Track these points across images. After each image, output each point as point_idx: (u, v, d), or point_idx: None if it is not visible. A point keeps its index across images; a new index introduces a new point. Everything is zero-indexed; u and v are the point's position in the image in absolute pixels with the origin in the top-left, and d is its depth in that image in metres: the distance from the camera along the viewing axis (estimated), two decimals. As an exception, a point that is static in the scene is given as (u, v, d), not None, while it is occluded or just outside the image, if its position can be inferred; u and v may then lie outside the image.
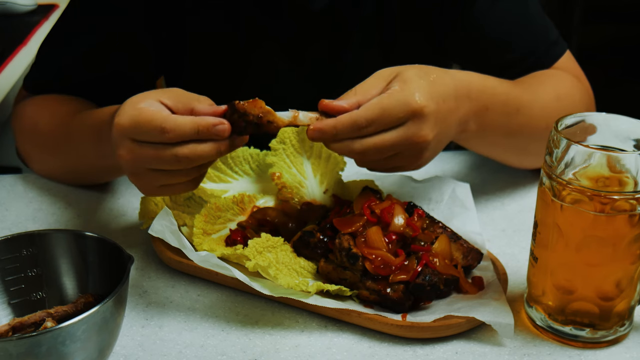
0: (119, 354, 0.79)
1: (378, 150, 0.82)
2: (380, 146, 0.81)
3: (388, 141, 0.82)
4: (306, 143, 0.99)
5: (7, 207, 1.07)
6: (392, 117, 0.81)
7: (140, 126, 0.80)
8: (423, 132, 0.83)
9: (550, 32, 1.12)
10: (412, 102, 0.81)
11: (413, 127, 0.82)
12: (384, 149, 0.82)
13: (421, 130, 0.83)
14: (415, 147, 0.83)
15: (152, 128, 0.79)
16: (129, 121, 0.81)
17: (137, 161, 0.82)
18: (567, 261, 0.78)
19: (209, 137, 0.79)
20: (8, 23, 1.87)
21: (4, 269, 0.78)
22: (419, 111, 0.82)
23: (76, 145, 1.04)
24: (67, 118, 1.07)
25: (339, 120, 0.80)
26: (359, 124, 0.80)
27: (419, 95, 0.82)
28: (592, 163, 0.75)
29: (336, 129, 0.80)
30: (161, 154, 0.80)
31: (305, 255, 0.88)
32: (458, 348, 0.80)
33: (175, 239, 0.87)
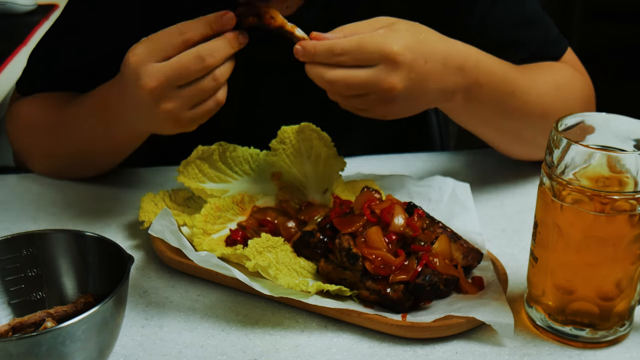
0: (119, 354, 0.79)
1: (346, 85, 0.86)
2: (348, 81, 0.85)
3: (357, 77, 0.85)
4: (306, 143, 0.99)
5: (7, 207, 1.07)
6: (365, 53, 0.85)
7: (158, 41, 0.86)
8: (392, 79, 0.86)
9: (551, 31, 1.11)
10: (388, 47, 0.85)
11: (383, 72, 0.86)
12: (351, 85, 0.86)
13: (390, 77, 0.85)
14: (382, 92, 0.86)
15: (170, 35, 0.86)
16: (144, 46, 0.86)
17: (163, 82, 0.85)
18: (567, 261, 0.78)
19: (220, 28, 0.87)
20: (8, 23, 1.87)
21: (4, 269, 0.78)
22: (392, 56, 0.85)
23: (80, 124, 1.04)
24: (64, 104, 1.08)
25: (318, 42, 0.86)
26: (334, 50, 0.85)
27: (398, 43, 0.86)
28: (592, 163, 0.75)
29: (315, 49, 0.86)
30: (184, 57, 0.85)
31: (305, 255, 0.88)
32: (458, 348, 0.80)
33: (175, 239, 0.87)
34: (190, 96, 0.87)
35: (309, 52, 0.86)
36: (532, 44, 1.09)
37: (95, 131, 1.03)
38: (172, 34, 0.86)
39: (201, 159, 0.98)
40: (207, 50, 0.86)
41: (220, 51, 0.86)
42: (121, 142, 1.04)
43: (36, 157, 1.15)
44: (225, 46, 0.87)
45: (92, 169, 1.12)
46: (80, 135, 1.06)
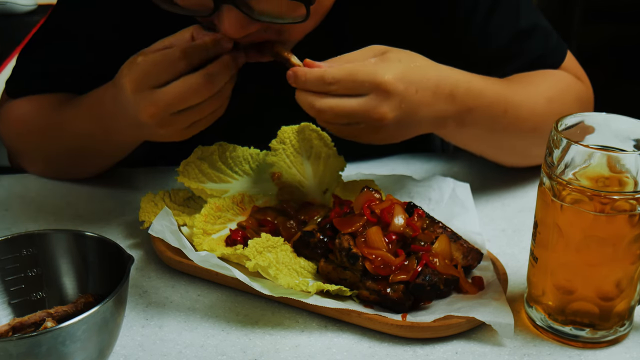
0: (119, 354, 0.79)
1: (335, 114, 0.85)
2: (338, 110, 0.85)
3: (347, 107, 0.85)
4: (306, 143, 0.99)
5: (7, 207, 1.07)
6: (356, 82, 0.84)
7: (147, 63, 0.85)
8: (382, 109, 0.85)
9: (550, 39, 1.11)
10: (379, 76, 0.85)
11: (373, 101, 0.85)
12: (341, 113, 0.85)
13: (381, 107, 0.85)
14: (372, 121, 0.86)
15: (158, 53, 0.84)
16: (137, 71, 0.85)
17: (163, 109, 0.85)
18: (567, 261, 0.78)
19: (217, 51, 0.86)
20: (8, 23, 1.87)
21: (4, 269, 0.78)
22: (383, 86, 0.85)
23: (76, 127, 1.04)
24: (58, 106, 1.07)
25: (309, 70, 0.86)
26: (324, 78, 0.85)
27: (390, 73, 0.85)
28: (592, 163, 0.75)
29: (305, 76, 0.85)
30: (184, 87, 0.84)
31: (305, 255, 0.88)
32: (458, 348, 0.80)
33: (175, 239, 0.88)
34: (190, 117, 0.87)
35: (300, 79, 0.86)
36: (531, 55, 1.09)
37: (91, 135, 1.03)
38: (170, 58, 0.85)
39: (201, 159, 0.98)
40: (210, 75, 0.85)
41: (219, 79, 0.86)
42: (118, 146, 1.04)
43: (30, 158, 1.15)
44: (224, 72, 0.86)
45: (88, 171, 1.12)
46: (76, 138, 1.06)
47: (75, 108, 1.05)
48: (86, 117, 1.02)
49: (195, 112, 0.87)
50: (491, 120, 0.98)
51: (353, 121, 0.86)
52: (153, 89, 0.85)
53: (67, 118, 1.06)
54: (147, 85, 0.85)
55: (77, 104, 1.05)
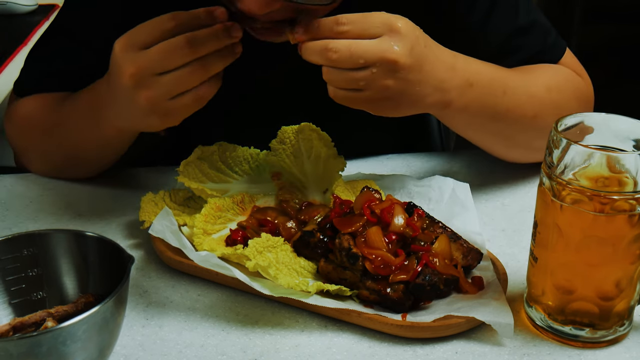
0: (119, 353, 0.79)
1: (350, 53, 0.84)
2: (352, 47, 0.84)
3: (361, 45, 0.84)
4: (306, 143, 0.99)
5: (7, 207, 1.07)
6: (370, 23, 0.85)
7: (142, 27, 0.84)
8: (398, 50, 0.85)
9: (548, 36, 1.11)
10: (392, 19, 0.86)
11: (388, 42, 0.85)
12: (356, 53, 0.84)
13: (396, 47, 0.85)
14: (386, 64, 0.85)
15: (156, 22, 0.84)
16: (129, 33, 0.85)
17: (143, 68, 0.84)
18: (567, 261, 0.78)
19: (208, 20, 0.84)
20: (8, 23, 1.87)
21: (4, 268, 0.78)
22: (396, 28, 0.85)
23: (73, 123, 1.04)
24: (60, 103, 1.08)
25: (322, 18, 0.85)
26: (338, 19, 0.84)
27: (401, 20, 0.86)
28: (592, 163, 0.75)
29: (319, 23, 0.84)
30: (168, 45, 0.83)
31: (305, 255, 0.88)
32: (458, 348, 0.80)
33: (175, 239, 0.88)
34: (170, 85, 0.85)
35: (313, 26, 0.84)
36: (529, 51, 1.09)
37: (85, 129, 1.03)
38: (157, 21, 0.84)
39: (201, 159, 0.98)
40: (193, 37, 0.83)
41: (207, 41, 0.84)
42: (108, 141, 1.04)
43: (33, 157, 1.15)
44: (213, 37, 0.84)
45: (86, 170, 1.12)
46: (73, 134, 1.06)
47: (73, 103, 1.05)
48: (81, 110, 1.02)
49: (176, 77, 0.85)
50: (492, 100, 0.98)
51: (368, 63, 0.85)
52: (138, 50, 0.84)
53: (66, 113, 1.06)
54: (133, 45, 0.84)
55: (75, 98, 1.05)
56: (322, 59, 0.86)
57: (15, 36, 1.74)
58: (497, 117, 1.00)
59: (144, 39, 0.84)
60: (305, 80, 1.13)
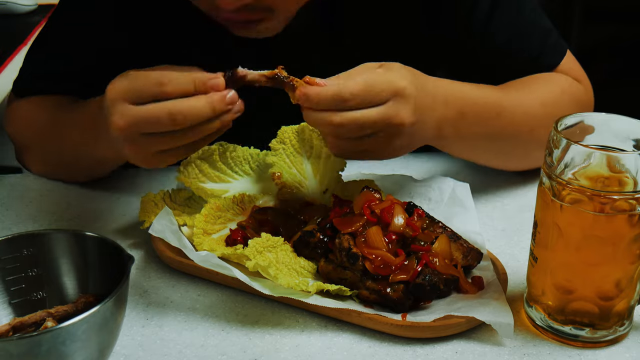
0: (119, 353, 0.79)
1: (357, 126, 0.83)
2: (360, 121, 0.83)
3: (368, 117, 0.83)
4: (306, 143, 0.99)
5: (7, 207, 1.07)
6: (375, 93, 0.83)
7: (136, 83, 0.81)
8: (403, 114, 0.85)
9: (549, 37, 1.11)
10: (396, 81, 0.84)
11: (394, 107, 0.84)
12: (363, 125, 0.83)
13: (401, 111, 0.84)
14: (392, 128, 0.85)
15: (149, 82, 0.80)
16: (124, 82, 0.82)
17: (131, 125, 0.82)
18: (567, 261, 0.78)
19: (206, 90, 0.81)
20: (8, 23, 1.88)
21: (4, 268, 0.78)
22: (401, 91, 0.84)
23: (69, 136, 1.04)
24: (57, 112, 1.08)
25: (323, 88, 0.82)
26: (342, 95, 0.82)
27: (404, 79, 0.85)
28: (592, 163, 0.75)
29: (319, 96, 0.82)
30: (156, 111, 0.80)
31: (305, 255, 0.88)
32: (458, 348, 0.80)
33: (175, 239, 0.88)
34: (153, 144, 0.83)
35: (313, 99, 0.82)
36: (531, 52, 1.09)
37: (83, 143, 1.02)
38: (150, 82, 0.81)
39: (201, 159, 0.98)
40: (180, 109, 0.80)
41: (197, 114, 0.80)
42: (106, 158, 1.04)
43: (32, 157, 1.16)
44: (203, 108, 0.80)
45: (83, 176, 1.13)
46: (70, 144, 1.05)
47: (70, 114, 1.05)
48: (79, 125, 1.02)
49: (162, 140, 0.83)
50: (485, 124, 0.98)
51: (375, 131, 0.84)
52: (127, 104, 0.82)
53: (62, 124, 1.06)
54: (124, 98, 0.82)
55: (73, 110, 1.05)
56: (327, 130, 0.85)
57: (15, 36, 1.74)
58: (492, 138, 1.01)
59: (134, 96, 0.81)
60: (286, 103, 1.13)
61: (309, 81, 0.84)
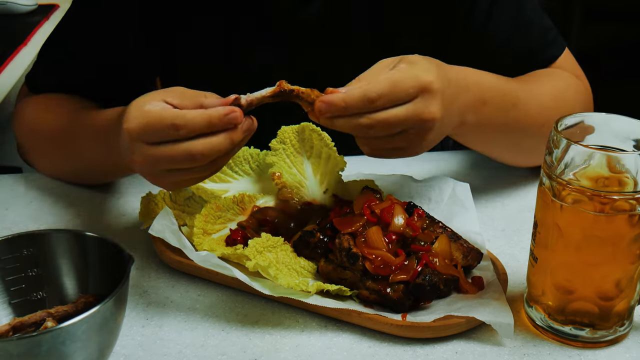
0: (119, 353, 0.79)
1: (386, 125, 0.81)
2: (389, 120, 0.81)
3: (397, 116, 0.81)
4: (306, 143, 0.99)
5: (7, 207, 1.07)
6: (402, 91, 0.81)
7: (150, 127, 0.80)
8: (432, 109, 0.83)
9: (548, 33, 1.12)
10: (422, 77, 0.82)
11: (422, 103, 0.82)
12: (393, 124, 0.81)
13: (430, 106, 0.83)
14: (422, 124, 0.83)
15: (163, 127, 0.79)
16: (138, 125, 0.81)
17: (152, 165, 0.82)
18: (567, 261, 0.78)
19: (223, 127, 0.80)
20: (8, 23, 1.87)
21: (4, 268, 0.78)
22: (428, 86, 0.82)
23: (81, 146, 1.04)
24: (69, 119, 1.07)
25: (348, 93, 0.80)
26: (369, 96, 0.80)
27: (430, 73, 0.83)
28: (592, 163, 0.75)
29: (345, 101, 0.80)
30: (175, 154, 0.80)
31: (305, 255, 0.88)
32: (458, 348, 0.80)
33: (175, 239, 0.88)
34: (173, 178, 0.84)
35: (338, 105, 0.80)
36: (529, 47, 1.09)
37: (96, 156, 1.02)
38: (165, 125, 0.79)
39: (201, 159, 0.98)
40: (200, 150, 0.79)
41: (216, 152, 0.80)
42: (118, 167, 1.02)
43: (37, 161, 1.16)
44: (224, 145, 0.80)
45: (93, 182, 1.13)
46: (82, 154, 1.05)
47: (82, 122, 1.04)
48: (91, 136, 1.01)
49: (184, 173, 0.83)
50: (503, 114, 0.98)
51: (405, 128, 0.83)
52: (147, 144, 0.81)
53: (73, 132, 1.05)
54: (143, 139, 0.81)
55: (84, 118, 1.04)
56: (356, 133, 0.83)
57: (15, 36, 1.74)
58: (507, 129, 1.01)
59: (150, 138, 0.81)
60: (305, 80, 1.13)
61: (330, 91, 0.82)
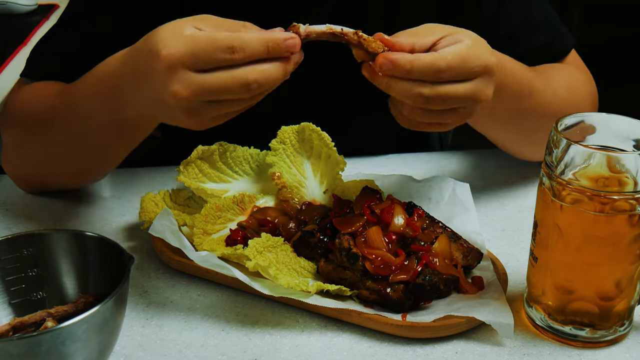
0: (119, 353, 0.79)
1: (445, 99, 0.80)
2: (450, 94, 0.80)
3: (458, 92, 0.80)
4: (306, 143, 0.99)
5: (7, 207, 1.07)
6: (469, 68, 0.80)
7: (201, 52, 0.74)
8: (488, 91, 0.83)
9: (560, 25, 1.13)
10: (486, 58, 0.82)
11: (482, 83, 0.82)
12: (452, 98, 0.80)
13: (487, 88, 0.83)
14: (475, 104, 0.83)
15: (217, 50, 0.74)
16: (183, 50, 0.74)
17: (197, 95, 0.75)
18: (567, 261, 0.78)
19: (280, 53, 0.76)
20: (8, 23, 1.87)
21: (4, 268, 0.78)
22: (491, 68, 0.82)
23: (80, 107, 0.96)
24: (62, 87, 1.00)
25: (418, 57, 0.78)
26: (438, 66, 0.78)
27: (491, 53, 0.83)
28: (592, 163, 0.75)
29: (412, 64, 0.77)
30: (229, 81, 0.75)
31: (305, 255, 0.88)
32: (458, 348, 0.80)
33: (175, 239, 0.88)
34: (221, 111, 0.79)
35: (403, 67, 0.77)
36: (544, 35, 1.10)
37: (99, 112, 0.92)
38: (218, 47, 0.74)
39: (201, 159, 0.98)
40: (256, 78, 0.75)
41: (270, 81, 0.77)
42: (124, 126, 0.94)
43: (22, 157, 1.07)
44: (278, 74, 0.77)
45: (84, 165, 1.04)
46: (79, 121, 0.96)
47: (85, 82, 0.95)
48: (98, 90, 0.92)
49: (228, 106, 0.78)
50: (517, 100, 0.97)
51: (459, 106, 0.82)
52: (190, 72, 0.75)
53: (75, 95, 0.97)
54: (187, 66, 0.75)
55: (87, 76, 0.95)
56: (410, 100, 0.81)
57: (15, 36, 1.74)
58: (520, 117, 1.01)
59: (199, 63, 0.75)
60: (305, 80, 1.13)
61: (384, 41, 0.79)
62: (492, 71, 0.83)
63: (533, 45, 1.09)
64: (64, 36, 1.09)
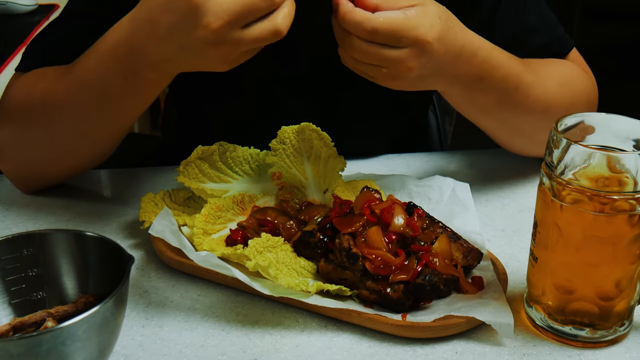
0: (119, 353, 0.79)
1: (365, 54, 0.85)
2: (369, 54, 0.84)
3: (379, 54, 0.84)
4: (306, 143, 0.99)
5: (7, 207, 1.07)
6: (395, 39, 0.84)
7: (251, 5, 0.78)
8: (412, 64, 0.85)
9: (558, 27, 1.12)
10: (421, 34, 0.84)
11: (406, 55, 0.85)
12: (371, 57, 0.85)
13: (411, 62, 0.85)
14: (396, 71, 0.86)
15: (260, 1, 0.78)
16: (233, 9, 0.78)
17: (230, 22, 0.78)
18: (567, 261, 0.78)
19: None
20: (8, 23, 1.87)
21: (4, 268, 0.78)
22: (421, 44, 0.85)
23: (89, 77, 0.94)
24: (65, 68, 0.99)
25: (353, 11, 0.83)
26: (364, 26, 0.83)
27: (431, 32, 0.85)
28: (592, 163, 0.75)
29: (345, 16, 0.83)
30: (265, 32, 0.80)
31: (305, 255, 0.88)
32: (458, 348, 0.80)
33: (175, 239, 0.88)
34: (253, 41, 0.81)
35: (339, 15, 0.83)
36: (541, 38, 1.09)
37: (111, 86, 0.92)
38: None
39: (201, 159, 0.98)
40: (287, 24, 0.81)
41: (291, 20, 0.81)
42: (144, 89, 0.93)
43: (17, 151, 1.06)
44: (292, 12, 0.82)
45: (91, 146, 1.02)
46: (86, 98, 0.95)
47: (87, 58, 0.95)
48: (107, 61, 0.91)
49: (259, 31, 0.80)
50: (501, 92, 0.98)
51: (380, 65, 0.86)
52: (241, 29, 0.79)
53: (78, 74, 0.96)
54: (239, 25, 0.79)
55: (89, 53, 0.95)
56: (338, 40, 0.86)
57: (15, 36, 1.74)
58: (505, 108, 1.01)
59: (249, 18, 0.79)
60: (305, 80, 1.13)
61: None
62: (424, 48, 0.85)
63: (531, 48, 1.08)
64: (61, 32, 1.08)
